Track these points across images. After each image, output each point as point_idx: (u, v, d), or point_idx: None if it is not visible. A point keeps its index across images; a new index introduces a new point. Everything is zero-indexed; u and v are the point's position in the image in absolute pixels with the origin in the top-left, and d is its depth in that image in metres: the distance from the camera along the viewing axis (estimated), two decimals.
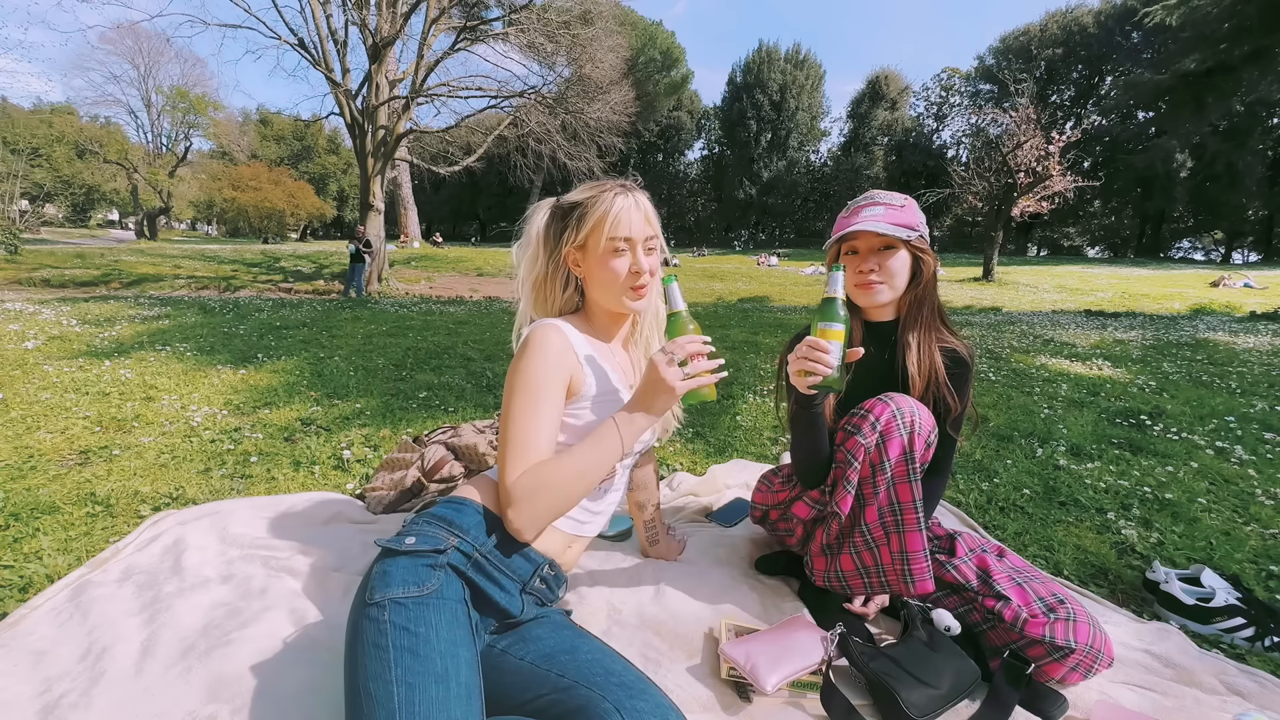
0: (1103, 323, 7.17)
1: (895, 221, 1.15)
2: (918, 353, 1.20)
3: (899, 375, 1.22)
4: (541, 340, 1.00)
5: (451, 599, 0.85)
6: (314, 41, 12.34)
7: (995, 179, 15.94)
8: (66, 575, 1.37)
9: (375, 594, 0.83)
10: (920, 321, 1.22)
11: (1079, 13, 35.64)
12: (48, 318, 4.89)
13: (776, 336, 5.30)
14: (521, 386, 0.98)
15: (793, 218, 47.37)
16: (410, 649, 0.76)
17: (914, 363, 1.20)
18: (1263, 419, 2.82)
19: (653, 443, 1.19)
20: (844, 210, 1.24)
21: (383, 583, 0.85)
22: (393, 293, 12.79)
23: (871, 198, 1.21)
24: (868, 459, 1.12)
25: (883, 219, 1.15)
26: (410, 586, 0.84)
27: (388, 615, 0.80)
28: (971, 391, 1.28)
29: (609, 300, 1.09)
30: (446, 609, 0.83)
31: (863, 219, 1.17)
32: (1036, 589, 1.14)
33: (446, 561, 0.89)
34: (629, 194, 1.05)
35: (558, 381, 1.00)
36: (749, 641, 1.12)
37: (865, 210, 1.19)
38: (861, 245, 1.19)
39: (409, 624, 0.79)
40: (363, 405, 2.80)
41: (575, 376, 1.03)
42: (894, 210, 1.17)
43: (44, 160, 31.24)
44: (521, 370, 0.99)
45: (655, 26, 39.06)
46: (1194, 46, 23.16)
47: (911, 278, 1.21)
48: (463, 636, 0.81)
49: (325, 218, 40.37)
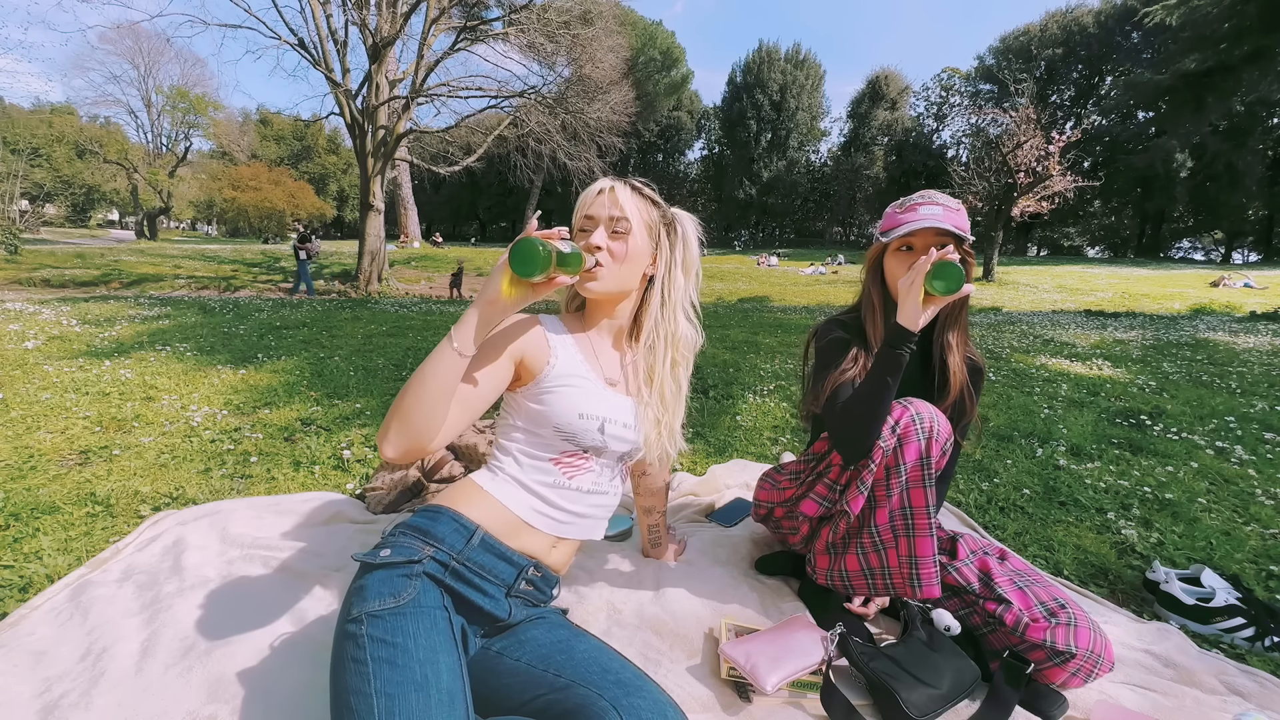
0: (1103, 323, 7.17)
1: (954, 223, 1.16)
2: (956, 353, 1.22)
3: (934, 374, 1.23)
4: (509, 319, 0.98)
5: (429, 606, 0.84)
6: (314, 41, 12.34)
7: (995, 179, 15.96)
8: (66, 575, 1.37)
9: (353, 610, 0.83)
10: (960, 324, 1.23)
11: (1079, 13, 35.64)
12: (48, 318, 4.89)
13: (777, 336, 5.30)
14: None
15: (793, 218, 47.35)
16: (388, 660, 0.75)
17: (956, 365, 1.21)
18: (1263, 419, 2.82)
19: (641, 451, 1.10)
20: (896, 206, 1.23)
21: (359, 598, 0.84)
22: (393, 293, 12.79)
23: (930, 197, 1.20)
24: (884, 461, 1.12)
25: (942, 219, 1.15)
26: (386, 599, 0.82)
27: (365, 629, 0.79)
28: (975, 401, 1.28)
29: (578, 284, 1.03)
30: (425, 617, 0.82)
31: (924, 216, 1.16)
32: (1038, 593, 1.14)
33: (423, 570, 0.88)
34: (606, 180, 1.04)
35: (505, 349, 0.96)
36: (749, 641, 1.12)
37: (924, 209, 1.18)
38: (918, 243, 1.18)
39: (386, 635, 0.78)
40: (363, 405, 2.80)
41: (532, 356, 0.99)
42: (951, 212, 1.17)
43: (44, 160, 31.25)
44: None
45: (655, 26, 39.05)
46: (1194, 46, 23.18)
47: None
48: (443, 643, 0.80)
49: (325, 218, 40.35)
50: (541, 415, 1.00)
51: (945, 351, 1.23)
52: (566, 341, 1.05)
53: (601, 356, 1.09)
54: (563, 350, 1.03)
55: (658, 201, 1.09)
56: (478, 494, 1.00)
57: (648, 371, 1.10)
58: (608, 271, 1.00)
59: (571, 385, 1.01)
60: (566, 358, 1.03)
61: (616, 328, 1.12)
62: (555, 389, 1.00)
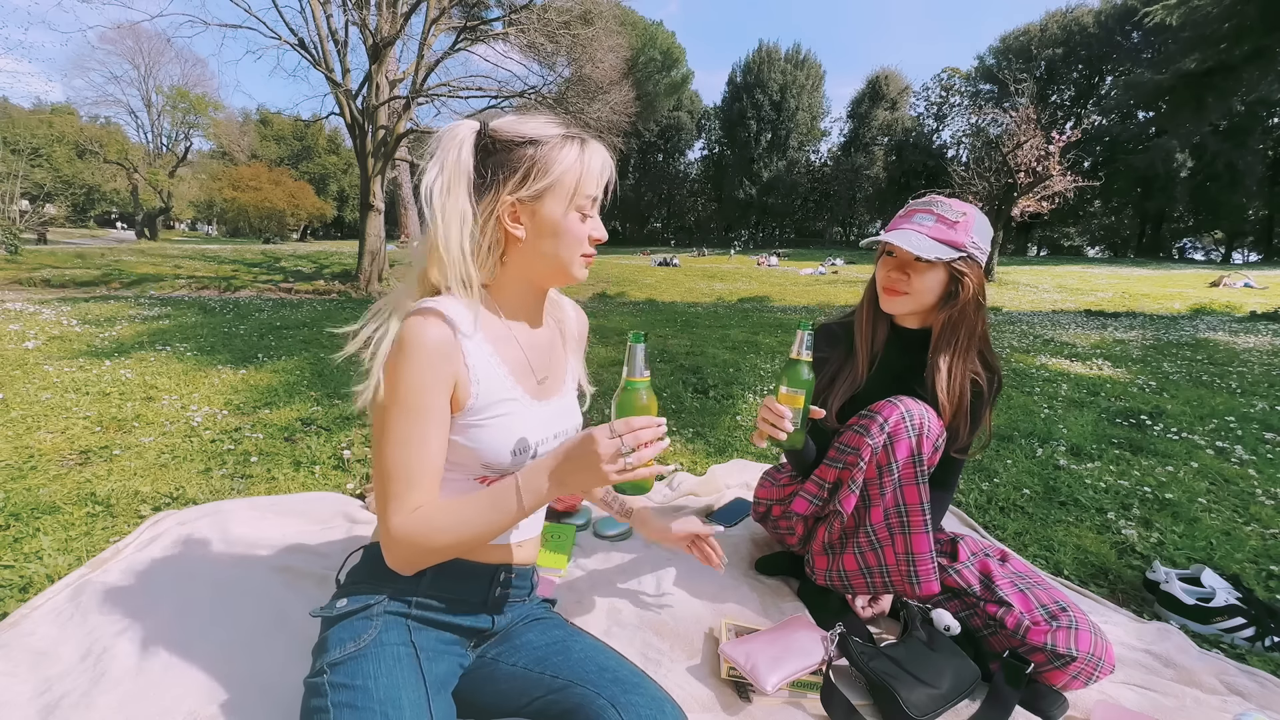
0: (1103, 323, 7.17)
1: (941, 237, 1.10)
2: (947, 378, 1.16)
3: (928, 392, 1.18)
4: (418, 339, 0.77)
5: (391, 643, 0.82)
6: (314, 41, 12.33)
7: (995, 179, 15.95)
8: (67, 575, 1.37)
9: (315, 664, 0.82)
10: (955, 346, 1.16)
11: (1079, 12, 35.66)
12: (48, 318, 4.89)
13: (777, 336, 5.30)
14: (397, 403, 0.77)
15: (793, 218, 47.39)
16: (349, 704, 0.74)
17: (943, 388, 1.16)
18: (1263, 419, 2.82)
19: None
20: (904, 208, 1.20)
21: (321, 651, 0.83)
22: None
23: (929, 205, 1.15)
24: (874, 460, 1.12)
25: (929, 232, 1.10)
26: (347, 644, 0.81)
27: (327, 679, 0.78)
28: (989, 415, 1.24)
29: (551, 270, 0.88)
30: (386, 654, 0.80)
31: (909, 226, 1.12)
32: (1039, 595, 1.14)
33: (384, 610, 0.85)
34: (594, 144, 0.86)
35: (441, 393, 0.80)
36: (749, 641, 1.12)
37: (917, 216, 1.14)
38: (899, 250, 1.15)
39: (347, 680, 0.77)
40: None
41: (460, 385, 0.81)
42: (944, 225, 1.11)
43: (44, 160, 31.24)
44: (396, 379, 0.77)
45: (655, 26, 39.08)
46: (1194, 46, 23.13)
47: (947, 297, 1.15)
48: (405, 678, 0.78)
49: (325, 218, 40.39)
50: (465, 451, 0.85)
51: (934, 374, 1.17)
52: (484, 352, 0.85)
53: (523, 348, 0.91)
54: (483, 368, 0.84)
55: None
56: None
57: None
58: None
59: (500, 414, 0.85)
60: (489, 377, 0.84)
61: (538, 312, 0.97)
62: (484, 422, 0.84)
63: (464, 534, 0.79)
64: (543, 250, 0.86)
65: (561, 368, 1.00)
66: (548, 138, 0.83)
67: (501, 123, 0.85)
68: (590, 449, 0.75)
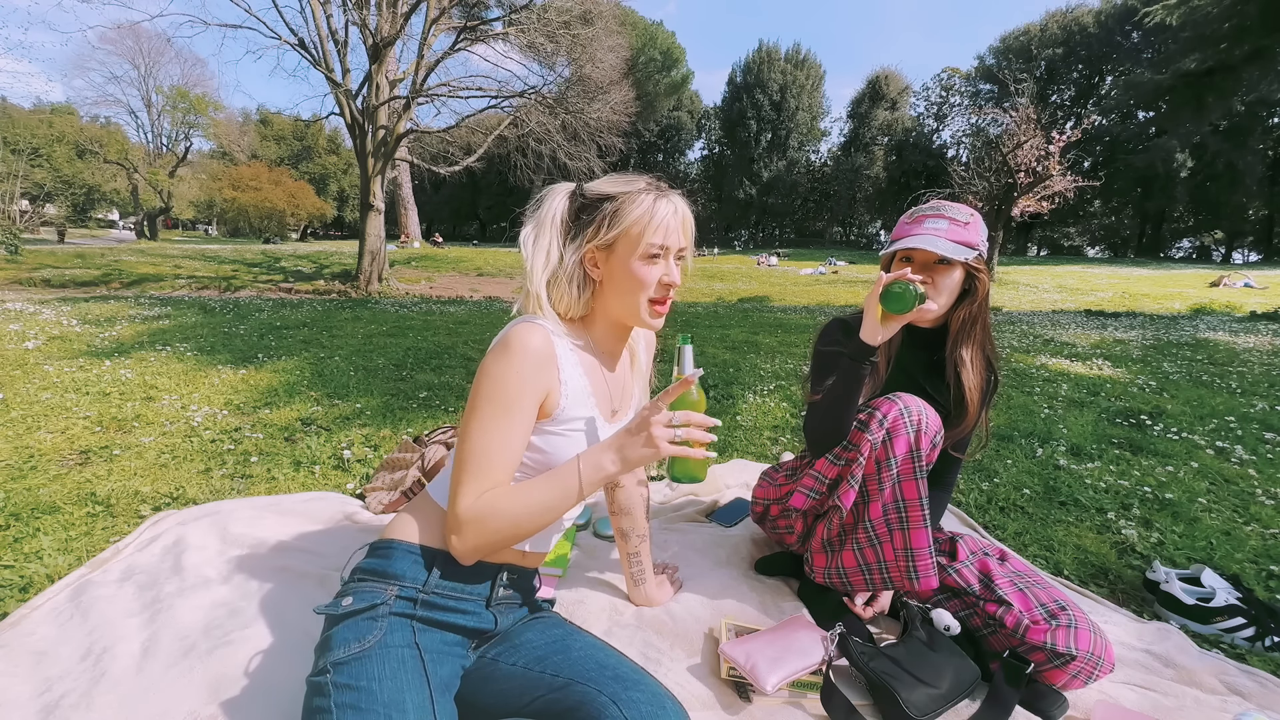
0: (1103, 322, 7.17)
1: (957, 239, 1.14)
2: (973, 369, 1.21)
3: (950, 387, 1.23)
4: (523, 343, 0.87)
5: (396, 645, 0.82)
6: (314, 41, 12.33)
7: (995, 179, 15.92)
8: (67, 575, 1.37)
9: (319, 663, 0.82)
10: (974, 339, 1.22)
11: (1079, 12, 35.64)
12: (48, 318, 4.89)
13: (777, 336, 5.30)
14: (490, 396, 0.86)
15: (793, 218, 47.37)
16: (352, 705, 0.75)
17: (971, 383, 1.21)
18: (1263, 419, 2.82)
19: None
20: (906, 215, 1.22)
21: (324, 649, 0.83)
22: (393, 293, 12.78)
23: (938, 209, 1.18)
24: (873, 455, 1.13)
25: (945, 234, 1.14)
26: (351, 645, 0.81)
27: (330, 678, 0.78)
28: (987, 415, 1.28)
29: (626, 311, 0.97)
30: (391, 656, 0.81)
31: (925, 231, 1.15)
32: (1038, 595, 1.14)
33: (389, 611, 0.86)
34: (668, 197, 0.95)
35: (532, 395, 0.88)
36: (749, 641, 1.12)
37: (929, 222, 1.16)
38: (918, 256, 1.18)
39: (351, 680, 0.77)
40: (363, 405, 2.80)
41: (551, 394, 0.91)
42: (957, 227, 1.15)
43: (44, 160, 31.23)
44: (494, 375, 0.86)
45: (655, 26, 39.07)
46: (1194, 46, 23.14)
47: (964, 295, 1.20)
48: (410, 681, 0.78)
49: (325, 218, 40.36)
50: (539, 457, 0.94)
51: (959, 367, 1.21)
52: (576, 372, 0.96)
53: (611, 386, 1.04)
54: (573, 384, 0.94)
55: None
56: (434, 517, 0.94)
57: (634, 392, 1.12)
58: (668, 306, 1.02)
59: (578, 429, 0.95)
60: (577, 393, 0.95)
61: (625, 353, 1.10)
62: (562, 432, 0.94)
63: (524, 515, 0.85)
64: (619, 292, 0.96)
65: (630, 397, 1.11)
66: (625, 193, 0.94)
67: (594, 183, 0.98)
68: (643, 423, 0.86)
